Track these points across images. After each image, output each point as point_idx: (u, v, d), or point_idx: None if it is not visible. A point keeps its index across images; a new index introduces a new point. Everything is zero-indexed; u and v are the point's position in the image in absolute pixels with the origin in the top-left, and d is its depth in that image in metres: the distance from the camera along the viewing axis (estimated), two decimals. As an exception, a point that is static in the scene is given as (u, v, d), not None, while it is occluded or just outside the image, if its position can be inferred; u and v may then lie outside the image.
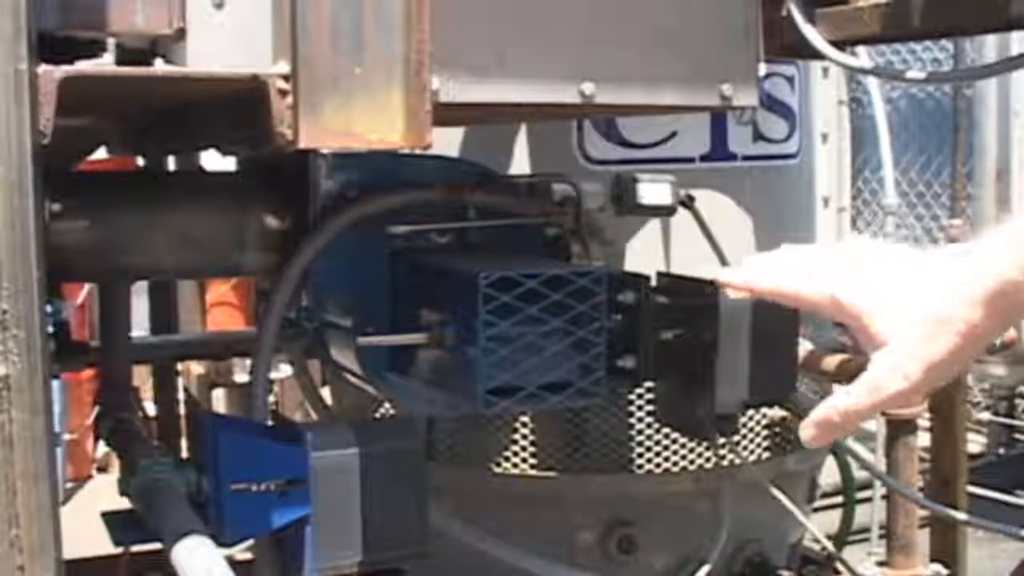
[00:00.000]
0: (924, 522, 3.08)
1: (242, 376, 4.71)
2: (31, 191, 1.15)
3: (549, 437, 2.43)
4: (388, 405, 2.53)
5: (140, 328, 2.64)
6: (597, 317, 1.67)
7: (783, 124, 2.65)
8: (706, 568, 2.45)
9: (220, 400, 5.03)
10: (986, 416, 6.44)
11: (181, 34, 1.32)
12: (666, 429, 2.38)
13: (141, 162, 2.31)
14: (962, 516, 2.79)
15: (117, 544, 1.75)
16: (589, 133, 2.45)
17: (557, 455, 2.43)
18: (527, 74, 1.60)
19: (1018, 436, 6.28)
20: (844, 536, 3.17)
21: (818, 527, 2.81)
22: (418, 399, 1.89)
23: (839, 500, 3.35)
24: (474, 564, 2.32)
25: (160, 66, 1.35)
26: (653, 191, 2.18)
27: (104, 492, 2.54)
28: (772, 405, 2.39)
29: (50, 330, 1.87)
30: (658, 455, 2.42)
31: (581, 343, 1.68)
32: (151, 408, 3.02)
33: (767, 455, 2.53)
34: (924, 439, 2.87)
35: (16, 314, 1.14)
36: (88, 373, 4.32)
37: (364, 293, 1.86)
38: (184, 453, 2.03)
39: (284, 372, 4.24)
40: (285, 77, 1.32)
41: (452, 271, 1.71)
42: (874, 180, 5.88)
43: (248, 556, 2.07)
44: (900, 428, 2.67)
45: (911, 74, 2.24)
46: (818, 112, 3.00)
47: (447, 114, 1.57)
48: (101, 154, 2.39)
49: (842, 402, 0.98)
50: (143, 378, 3.28)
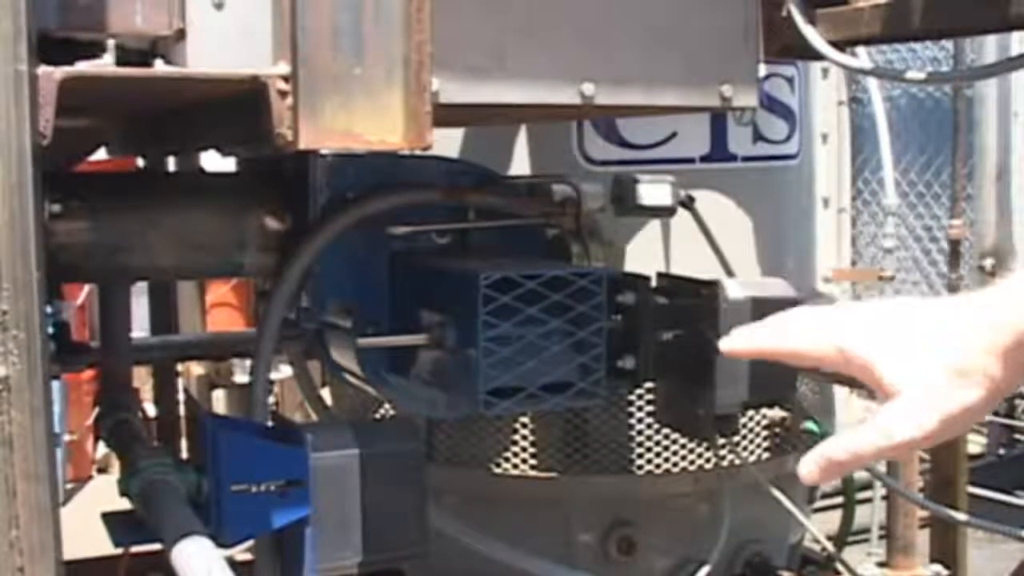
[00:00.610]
0: (924, 522, 3.09)
1: (242, 377, 4.72)
2: (31, 191, 1.15)
3: (549, 438, 2.43)
4: (388, 406, 2.53)
5: (140, 328, 2.63)
6: (597, 318, 1.67)
7: (783, 125, 2.65)
8: (706, 569, 2.45)
9: (220, 401, 5.04)
10: (986, 416, 6.43)
11: (181, 35, 1.32)
12: (666, 430, 2.38)
13: (141, 162, 2.31)
14: (962, 517, 2.79)
15: (117, 545, 1.75)
16: (589, 134, 2.45)
17: (557, 456, 2.43)
18: (527, 75, 1.60)
19: (1018, 436, 6.26)
20: (844, 537, 3.16)
21: (818, 527, 2.80)
22: (418, 400, 1.89)
23: (839, 500, 3.34)
24: (474, 565, 2.32)
25: (160, 67, 1.35)
26: (653, 192, 2.18)
27: (104, 492, 2.53)
28: (772, 405, 2.39)
29: (50, 331, 1.87)
30: (658, 456, 2.42)
31: (581, 344, 1.68)
32: (151, 409, 3.02)
33: (767, 456, 2.53)
34: (924, 440, 2.86)
35: (16, 315, 1.14)
36: (88, 373, 4.32)
37: (364, 294, 1.86)
38: (184, 454, 2.03)
39: (284, 372, 4.24)
40: (285, 78, 1.32)
41: (452, 272, 1.71)
42: (874, 180, 5.88)
43: (248, 556, 2.07)
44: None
45: (911, 74, 2.23)
46: (818, 113, 3.00)
47: (447, 115, 1.57)
48: (101, 154, 2.39)
49: (850, 443, 0.95)
50: (143, 379, 3.28)
